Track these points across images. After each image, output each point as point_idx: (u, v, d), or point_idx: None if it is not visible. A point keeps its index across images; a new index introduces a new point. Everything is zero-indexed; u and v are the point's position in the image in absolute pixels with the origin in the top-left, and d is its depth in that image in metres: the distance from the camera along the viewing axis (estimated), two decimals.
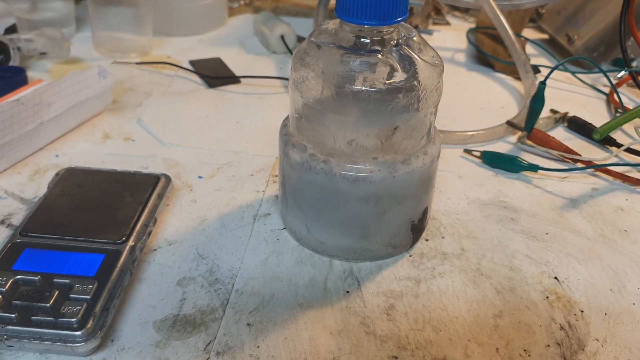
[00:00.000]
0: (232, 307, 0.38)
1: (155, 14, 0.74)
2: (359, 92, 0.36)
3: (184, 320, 0.37)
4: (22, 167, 0.50)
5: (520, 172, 0.52)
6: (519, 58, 0.66)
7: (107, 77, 0.57)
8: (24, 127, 0.49)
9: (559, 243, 0.45)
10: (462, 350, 0.35)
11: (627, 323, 0.38)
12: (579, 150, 0.55)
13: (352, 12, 0.36)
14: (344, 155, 0.38)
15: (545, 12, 0.79)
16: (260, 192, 0.49)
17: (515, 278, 0.41)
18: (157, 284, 0.39)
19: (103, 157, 0.52)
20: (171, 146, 0.54)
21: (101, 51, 0.72)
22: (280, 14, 0.87)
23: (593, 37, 0.72)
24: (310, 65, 0.37)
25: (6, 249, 0.39)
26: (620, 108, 0.63)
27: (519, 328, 0.37)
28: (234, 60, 0.72)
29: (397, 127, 0.37)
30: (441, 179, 0.51)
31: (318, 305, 0.38)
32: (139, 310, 0.37)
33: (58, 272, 0.37)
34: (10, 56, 0.64)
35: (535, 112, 0.57)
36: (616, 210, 0.49)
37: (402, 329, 0.37)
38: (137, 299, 0.38)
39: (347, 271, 0.41)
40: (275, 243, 0.43)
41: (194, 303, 0.38)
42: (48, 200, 0.44)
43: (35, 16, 0.72)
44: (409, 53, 0.37)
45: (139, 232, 0.41)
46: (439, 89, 0.38)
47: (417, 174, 0.39)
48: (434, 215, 0.47)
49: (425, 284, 0.40)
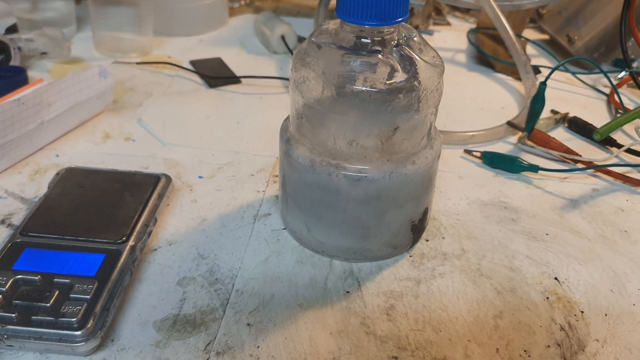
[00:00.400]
0: (232, 307, 0.38)
1: (156, 14, 0.74)
2: (360, 93, 0.36)
3: (184, 320, 0.37)
4: (23, 166, 0.50)
5: (521, 172, 0.52)
6: (520, 58, 0.66)
7: (108, 77, 0.57)
8: (24, 127, 0.49)
9: (559, 244, 0.45)
10: (462, 351, 0.35)
11: (627, 324, 0.38)
12: (579, 150, 0.55)
13: (353, 12, 0.36)
14: (345, 155, 0.38)
15: (546, 13, 0.79)
16: (260, 192, 0.49)
17: (515, 278, 0.41)
18: (158, 284, 0.39)
19: (103, 157, 0.52)
20: (171, 146, 0.54)
21: (102, 51, 0.72)
22: (280, 14, 0.87)
23: (594, 37, 0.72)
24: (310, 65, 0.37)
25: (6, 248, 0.39)
26: (620, 109, 0.63)
27: (519, 328, 0.37)
28: (234, 61, 0.72)
29: (397, 128, 0.37)
30: (441, 179, 0.51)
31: (318, 305, 0.38)
32: (139, 310, 0.37)
33: (58, 272, 0.37)
34: (10, 56, 0.64)
35: (535, 112, 0.57)
36: (616, 210, 0.49)
37: (402, 329, 0.37)
38: (137, 299, 0.38)
39: (347, 271, 0.41)
40: (275, 243, 0.43)
41: (194, 303, 0.38)
42: (48, 200, 0.44)
43: (36, 16, 0.72)
44: (410, 53, 0.37)
45: (139, 232, 0.41)
46: (439, 89, 0.38)
47: (418, 174, 0.39)
48: (434, 216, 0.47)
49: (426, 284, 0.40)
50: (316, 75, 0.37)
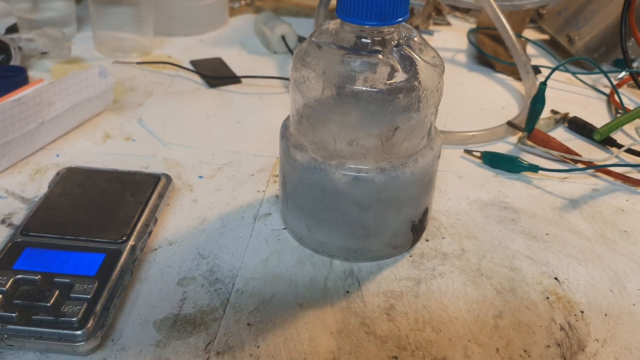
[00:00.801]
0: (233, 306, 0.38)
1: (156, 14, 0.74)
2: (360, 93, 0.36)
3: (184, 320, 0.37)
4: (23, 166, 0.50)
5: (521, 172, 0.52)
6: (520, 59, 0.66)
7: (108, 77, 0.57)
8: (24, 127, 0.49)
9: (559, 244, 0.45)
10: (462, 351, 0.35)
11: (627, 324, 0.38)
12: (579, 150, 0.55)
13: (353, 12, 0.36)
14: (345, 155, 0.38)
15: (546, 13, 0.79)
16: (260, 192, 0.49)
17: (515, 278, 0.41)
18: (158, 284, 0.39)
19: (104, 157, 0.52)
20: (172, 146, 0.54)
21: (102, 51, 0.72)
22: (281, 14, 0.87)
23: (594, 37, 0.72)
24: (311, 65, 0.37)
25: (7, 248, 0.39)
26: (620, 109, 0.63)
27: (519, 328, 0.37)
28: (234, 60, 0.72)
29: (397, 128, 0.37)
30: (441, 179, 0.51)
31: (318, 305, 0.38)
32: (139, 309, 0.37)
33: (58, 272, 0.37)
34: (11, 56, 0.64)
35: (535, 112, 0.57)
36: (616, 211, 0.49)
37: (402, 329, 0.37)
38: (137, 299, 0.38)
39: (347, 271, 0.41)
40: (275, 243, 0.43)
41: (194, 303, 0.38)
42: (49, 199, 0.44)
43: (36, 16, 0.72)
44: (410, 53, 0.37)
45: (140, 232, 0.41)
46: (439, 89, 0.38)
47: (418, 174, 0.39)
48: (434, 216, 0.47)
49: (426, 284, 0.40)
50: (316, 75, 0.37)
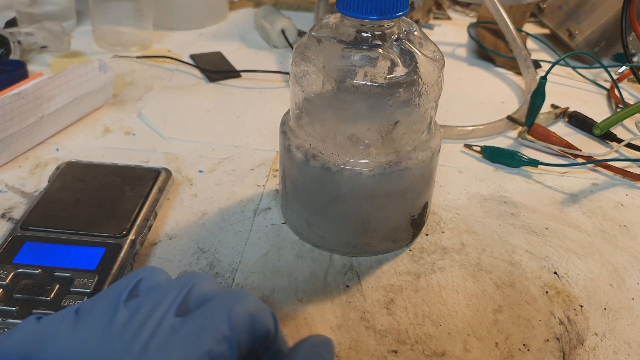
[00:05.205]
0: None
1: (156, 8, 0.74)
2: (360, 87, 0.36)
3: None
4: (23, 160, 0.50)
5: (521, 167, 0.52)
6: (520, 53, 0.65)
7: (108, 71, 0.57)
8: (24, 121, 0.49)
9: (558, 238, 0.45)
10: (462, 345, 0.36)
11: (626, 318, 0.38)
12: (579, 145, 0.55)
13: (353, 6, 0.36)
14: (345, 149, 0.38)
15: (547, 7, 0.79)
16: (260, 187, 0.49)
17: (514, 273, 0.41)
18: None
19: (103, 151, 0.52)
20: (172, 140, 0.54)
21: (102, 45, 0.72)
22: (281, 8, 0.87)
23: (594, 32, 0.72)
24: (311, 59, 0.37)
25: (7, 242, 0.39)
26: (621, 103, 0.63)
27: (518, 323, 0.37)
28: (234, 55, 0.72)
29: (397, 122, 0.37)
30: (441, 173, 0.51)
31: (318, 299, 0.38)
32: None
33: (59, 266, 0.37)
34: (10, 50, 0.64)
35: (535, 107, 0.57)
36: (616, 205, 0.49)
37: (402, 323, 0.37)
38: None
39: (347, 266, 0.41)
40: (275, 237, 0.43)
41: None
42: (49, 194, 0.44)
43: (36, 10, 0.72)
44: (410, 47, 0.37)
45: (140, 226, 0.41)
46: (439, 83, 0.38)
47: (418, 168, 0.39)
48: (434, 210, 0.47)
49: (425, 278, 0.40)
50: (316, 69, 0.37)
